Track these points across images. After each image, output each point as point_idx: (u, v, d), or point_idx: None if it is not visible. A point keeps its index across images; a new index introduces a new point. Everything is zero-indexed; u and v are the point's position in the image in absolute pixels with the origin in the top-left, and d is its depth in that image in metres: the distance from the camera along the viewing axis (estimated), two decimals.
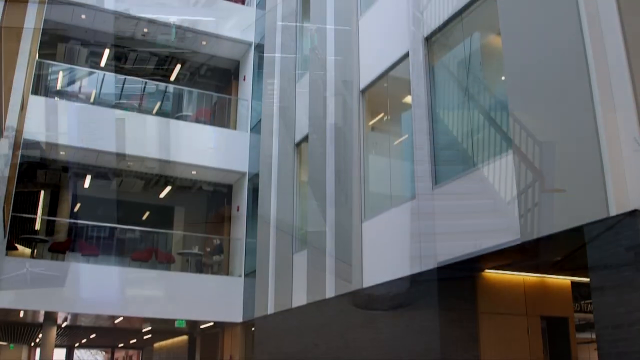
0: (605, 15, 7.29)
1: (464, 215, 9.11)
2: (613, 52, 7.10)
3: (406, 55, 11.16)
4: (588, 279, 6.99)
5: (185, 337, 24.50)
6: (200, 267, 19.78)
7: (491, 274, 10.52)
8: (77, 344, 32.91)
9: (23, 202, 19.22)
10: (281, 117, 16.38)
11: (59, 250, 18.06)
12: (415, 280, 10.08)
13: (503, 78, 8.78)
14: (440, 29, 10.37)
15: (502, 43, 8.66)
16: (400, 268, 10.30)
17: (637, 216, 6.39)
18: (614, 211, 6.59)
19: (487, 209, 8.60)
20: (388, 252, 10.91)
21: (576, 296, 12.24)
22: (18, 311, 17.61)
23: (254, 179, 18.54)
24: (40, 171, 19.43)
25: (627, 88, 6.84)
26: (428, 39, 10.67)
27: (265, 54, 18.22)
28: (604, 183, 6.71)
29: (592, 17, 7.35)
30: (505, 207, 8.21)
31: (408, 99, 11.12)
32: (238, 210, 19.57)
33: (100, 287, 16.66)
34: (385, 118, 12.89)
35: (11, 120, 13.15)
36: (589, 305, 14.74)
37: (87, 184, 20.74)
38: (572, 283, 11.47)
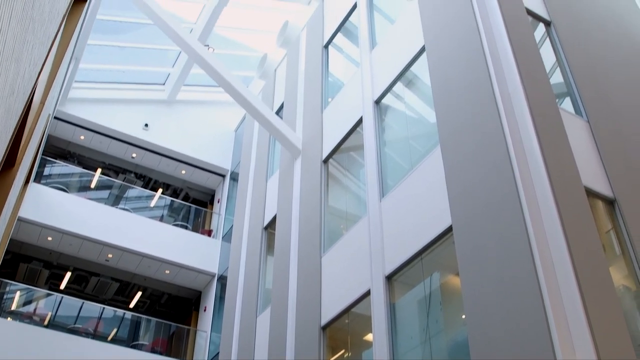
0: (558, 260, 7.63)
1: None
2: (568, 297, 7.33)
3: (367, 293, 11.29)
4: None
5: None
6: None
7: None
8: None
9: None
10: (240, 351, 16.01)
11: None
12: None
13: (464, 317, 8.88)
14: (401, 268, 10.65)
15: (461, 283, 8.89)
16: None
17: None
18: None
19: None
20: None
21: None
22: None
23: None
24: None
25: (584, 328, 7.01)
26: (389, 278, 10.89)
27: (227, 288, 18.27)
28: None
29: (544, 258, 7.69)
30: None
31: (369, 336, 11.06)
32: None
33: None
34: (346, 355, 12.69)
35: None
36: None
37: None
38: None
